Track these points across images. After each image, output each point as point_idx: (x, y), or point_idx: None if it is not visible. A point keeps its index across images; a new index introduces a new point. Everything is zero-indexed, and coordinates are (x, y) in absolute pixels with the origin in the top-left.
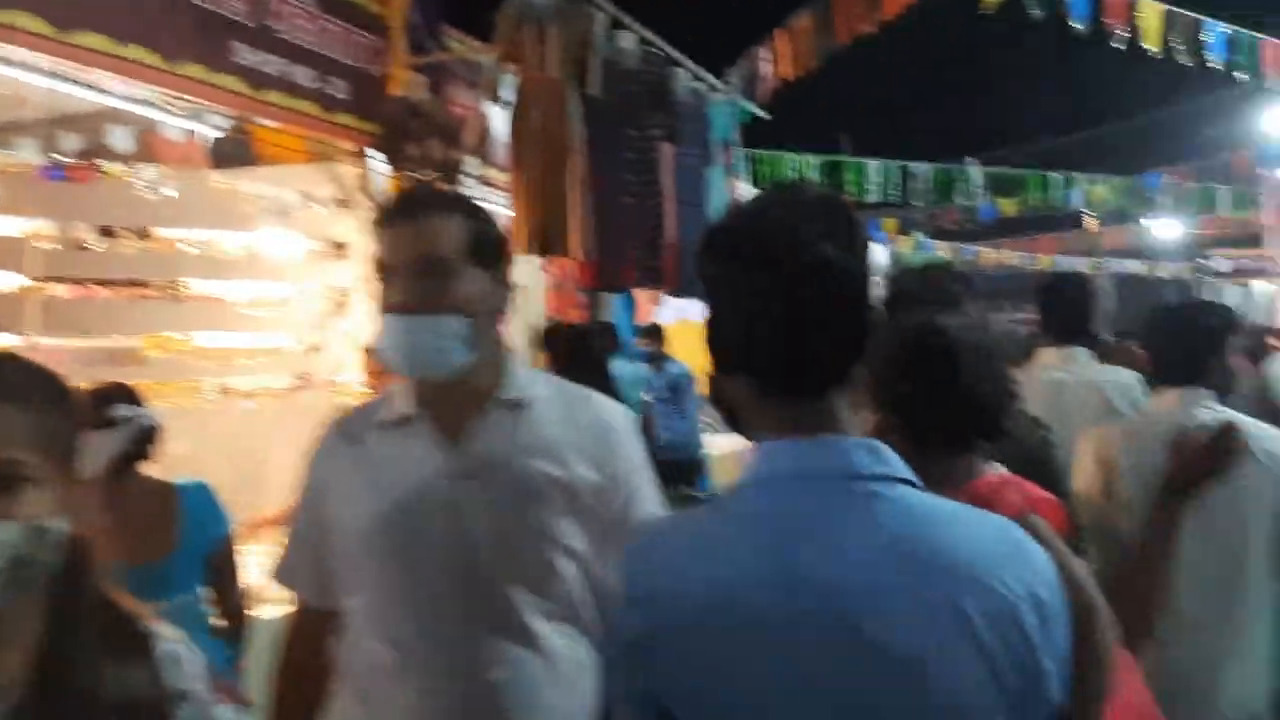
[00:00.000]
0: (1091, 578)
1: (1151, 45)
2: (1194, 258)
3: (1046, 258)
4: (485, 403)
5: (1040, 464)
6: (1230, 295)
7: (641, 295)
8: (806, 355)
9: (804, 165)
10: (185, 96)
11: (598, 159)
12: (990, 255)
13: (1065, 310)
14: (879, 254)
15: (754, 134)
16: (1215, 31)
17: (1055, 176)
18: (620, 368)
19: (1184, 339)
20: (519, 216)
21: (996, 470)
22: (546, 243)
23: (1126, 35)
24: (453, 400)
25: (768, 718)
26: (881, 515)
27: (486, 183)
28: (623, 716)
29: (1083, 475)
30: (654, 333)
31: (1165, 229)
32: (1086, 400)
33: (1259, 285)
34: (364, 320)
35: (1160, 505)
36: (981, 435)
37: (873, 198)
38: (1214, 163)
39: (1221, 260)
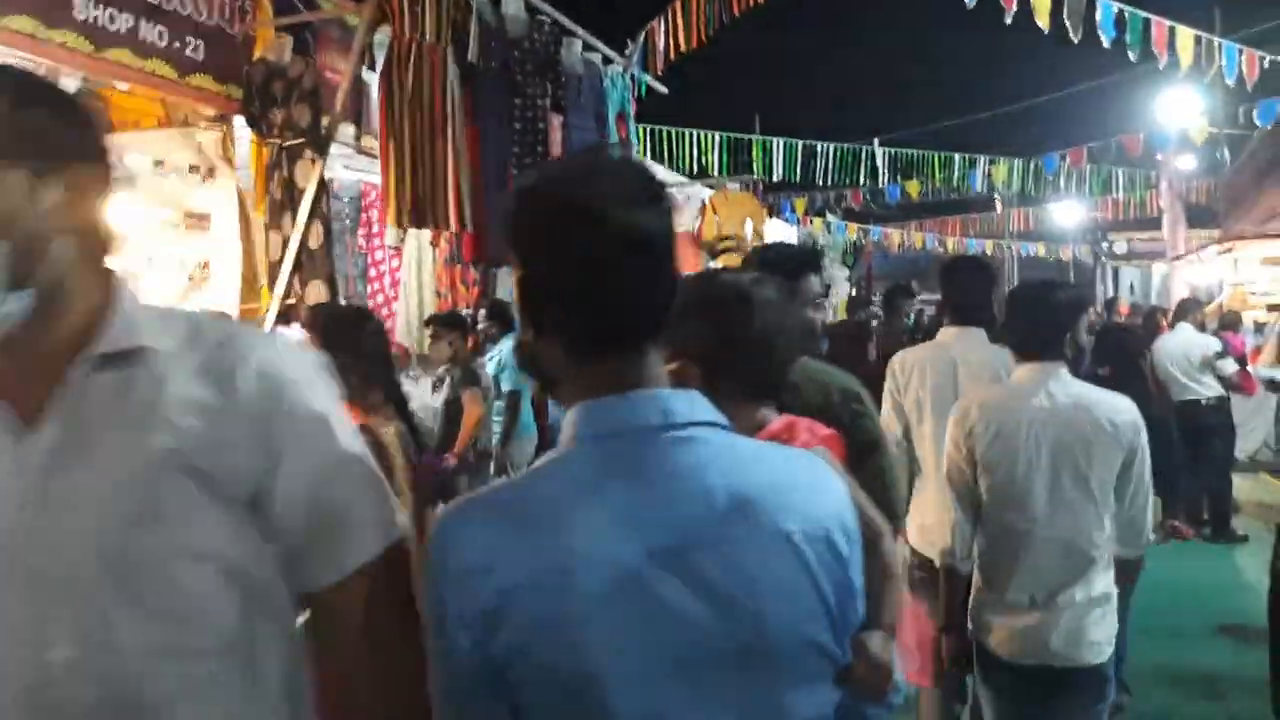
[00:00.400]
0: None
1: (1042, 22)
2: (1094, 240)
3: (953, 239)
4: (72, 362)
5: (855, 434)
6: (1127, 276)
7: None
8: (620, 315)
9: (707, 143)
10: (17, 53)
11: (482, 128)
12: (897, 236)
13: (963, 292)
14: (788, 234)
15: (660, 112)
16: (1105, 8)
17: (957, 157)
18: (514, 347)
19: (1038, 316)
20: (390, 186)
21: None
22: (420, 214)
23: (1018, 11)
24: (16, 365)
25: (620, 671)
26: (704, 459)
27: (361, 151)
28: (464, 697)
29: (950, 441)
30: None
31: (1066, 212)
32: (979, 377)
33: (1156, 266)
34: (228, 291)
35: None
36: (775, 385)
37: (778, 176)
38: (1109, 145)
39: (1119, 242)
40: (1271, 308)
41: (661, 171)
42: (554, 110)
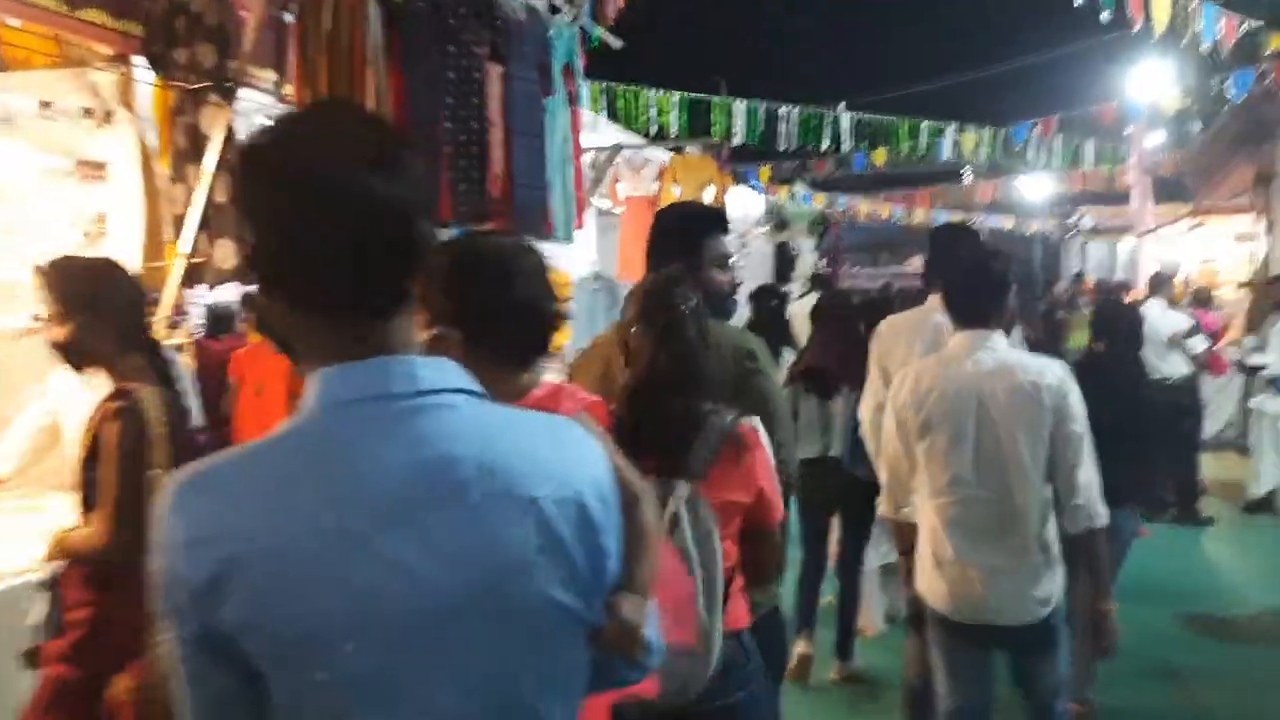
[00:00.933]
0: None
1: None
2: (1063, 214)
3: (921, 210)
4: None
5: (745, 393)
6: (1094, 251)
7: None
8: (352, 282)
9: (665, 103)
10: None
11: (409, 76)
12: (864, 207)
13: (951, 258)
14: (753, 202)
15: (615, 69)
16: None
17: (924, 124)
18: None
19: (975, 286)
20: None
21: (549, 380)
22: None
23: None
24: None
25: (352, 636)
26: (450, 426)
27: (283, 100)
28: (193, 668)
29: (890, 406)
30: None
31: (1034, 185)
32: (930, 335)
33: (1122, 242)
34: (128, 248)
35: None
36: (535, 348)
37: (739, 140)
38: (1082, 115)
39: (1087, 217)
40: (1241, 285)
41: (617, 133)
42: (493, 60)
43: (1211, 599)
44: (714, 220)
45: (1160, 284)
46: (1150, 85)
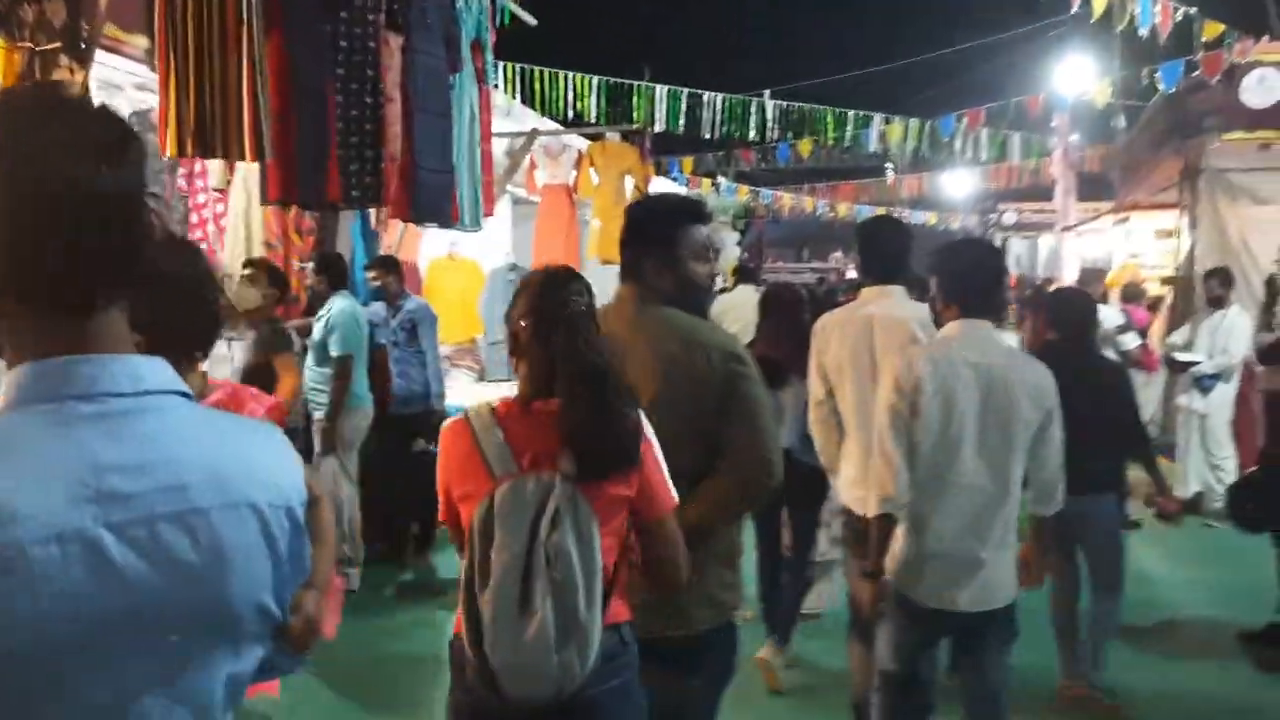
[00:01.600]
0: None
1: None
2: (984, 210)
3: (845, 205)
4: None
5: (732, 397)
6: (1015, 248)
7: (394, 224)
8: (60, 275)
9: (583, 85)
10: None
11: (291, 42)
12: (789, 200)
13: (881, 251)
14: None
15: (531, 49)
16: None
17: (850, 114)
18: (344, 309)
19: (974, 275)
20: (167, 105)
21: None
22: (205, 140)
23: None
24: None
25: (69, 643)
26: (166, 427)
27: (140, 60)
28: None
29: (894, 391)
30: (386, 264)
31: (956, 181)
32: (894, 335)
33: (1043, 238)
34: None
35: None
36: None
37: (661, 126)
38: (1008, 107)
39: (1009, 213)
40: (1165, 281)
41: (533, 118)
42: (391, 29)
43: (1140, 609)
44: (690, 210)
45: (1090, 280)
46: (1077, 77)
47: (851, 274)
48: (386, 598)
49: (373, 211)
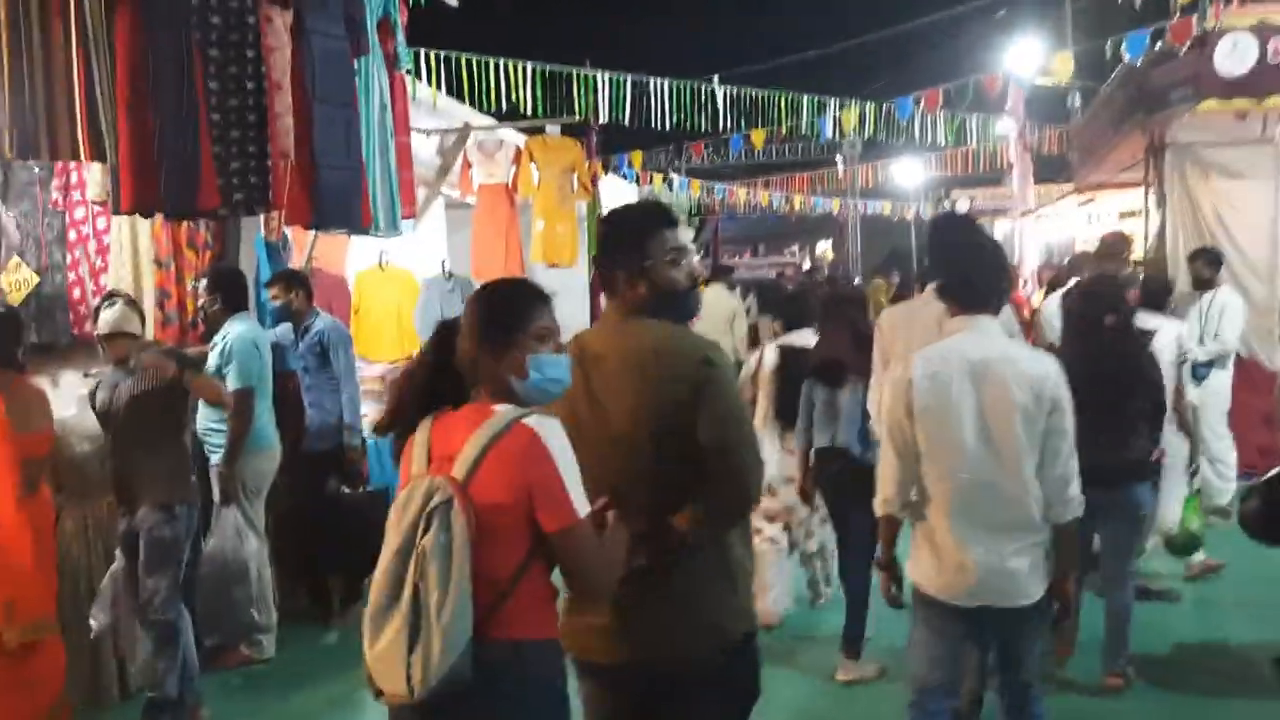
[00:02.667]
0: None
1: None
2: (938, 198)
3: (800, 196)
4: None
5: (701, 405)
6: None
7: (306, 233)
8: None
9: (518, 76)
10: None
11: (144, 17)
12: (743, 194)
13: (974, 272)
14: (626, 192)
15: (458, 35)
16: None
17: (805, 99)
18: (242, 334)
19: (974, 271)
20: None
21: None
22: (28, 139)
23: None
24: None
25: None
26: None
27: None
28: None
29: (890, 394)
30: (289, 280)
31: (907, 169)
32: (929, 325)
33: (998, 224)
34: None
35: None
36: None
37: (605, 118)
38: (966, 86)
39: (962, 199)
40: (1136, 263)
41: (464, 112)
42: (276, 3)
43: (1153, 635)
44: (654, 215)
45: (1078, 266)
46: (1032, 55)
47: (807, 265)
48: (306, 665)
49: (276, 219)
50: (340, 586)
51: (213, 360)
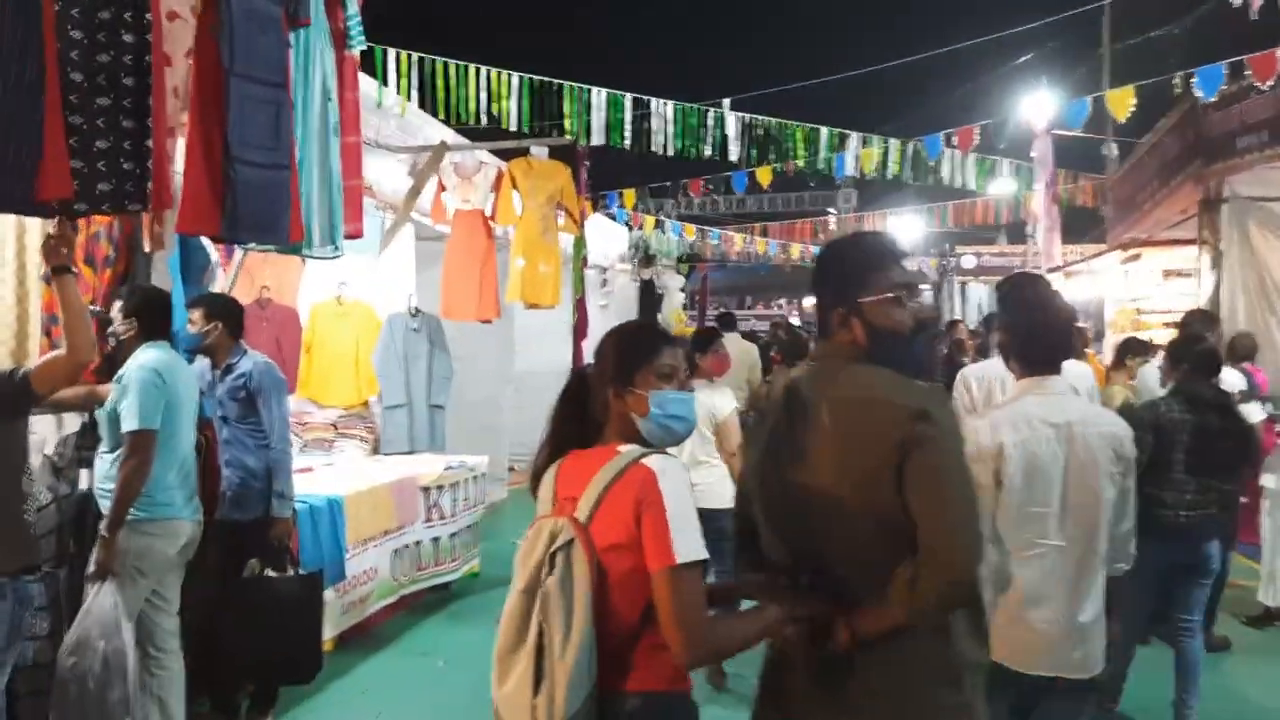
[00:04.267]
0: None
1: None
2: (942, 253)
3: (797, 247)
4: None
5: (909, 463)
6: (974, 294)
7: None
8: None
9: (502, 85)
10: None
11: None
12: (740, 241)
13: (1047, 333)
14: (615, 235)
15: (435, 35)
16: None
17: (824, 131)
18: (144, 363)
19: (1044, 330)
20: None
21: None
22: None
23: None
24: None
25: None
26: None
27: None
28: None
29: (973, 460)
30: (212, 306)
31: (907, 224)
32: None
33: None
34: None
35: None
36: None
37: (598, 138)
38: (1006, 122)
39: (967, 256)
40: (1171, 325)
41: (437, 127)
42: None
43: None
44: (877, 250)
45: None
46: (1057, 99)
47: (795, 320)
48: None
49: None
50: (251, 691)
51: (111, 398)
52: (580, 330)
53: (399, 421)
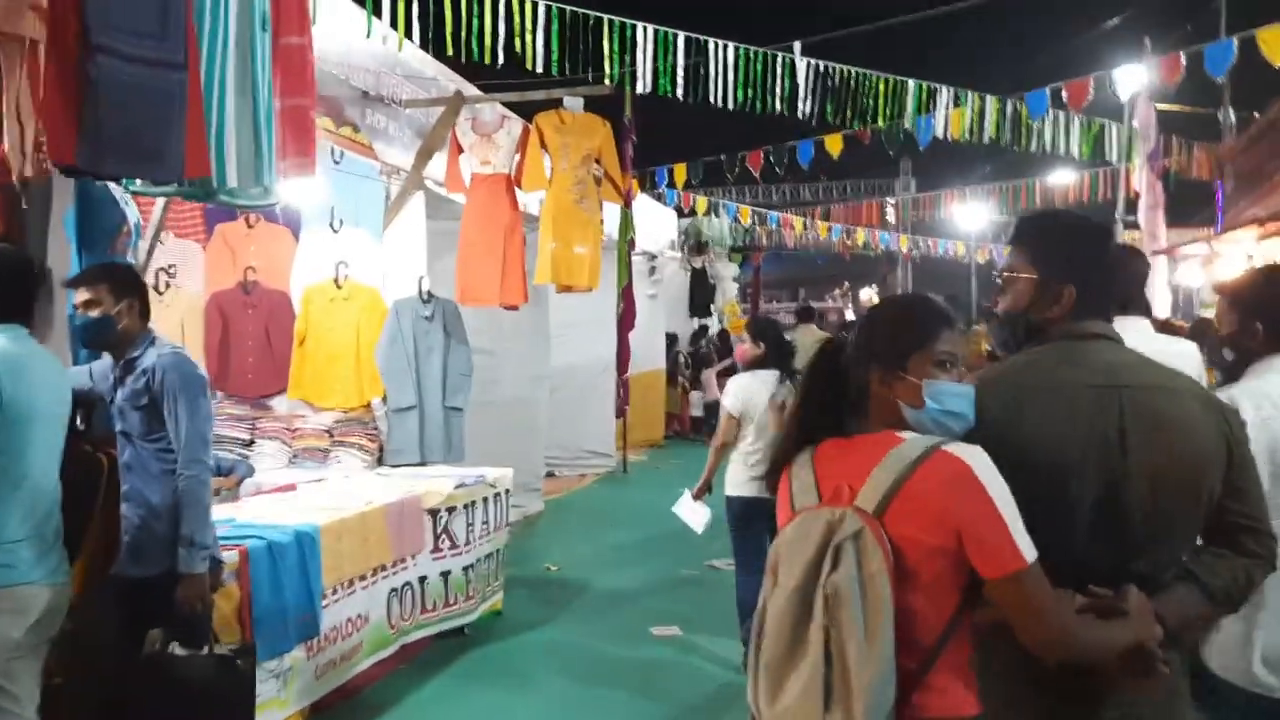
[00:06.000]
0: None
1: None
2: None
3: (862, 231)
4: None
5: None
6: None
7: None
8: None
9: (524, 17)
10: None
11: None
12: (799, 225)
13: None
14: (664, 219)
15: None
16: None
17: (911, 84)
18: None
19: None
20: None
21: None
22: None
23: None
24: None
25: None
26: None
27: None
28: None
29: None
30: (108, 280)
31: (970, 211)
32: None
33: None
34: None
35: None
36: None
37: (645, 86)
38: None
39: None
40: None
41: (435, 69)
42: None
43: None
44: (1100, 230)
45: None
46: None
47: (850, 315)
48: None
49: None
50: None
51: None
52: (627, 321)
53: (408, 427)
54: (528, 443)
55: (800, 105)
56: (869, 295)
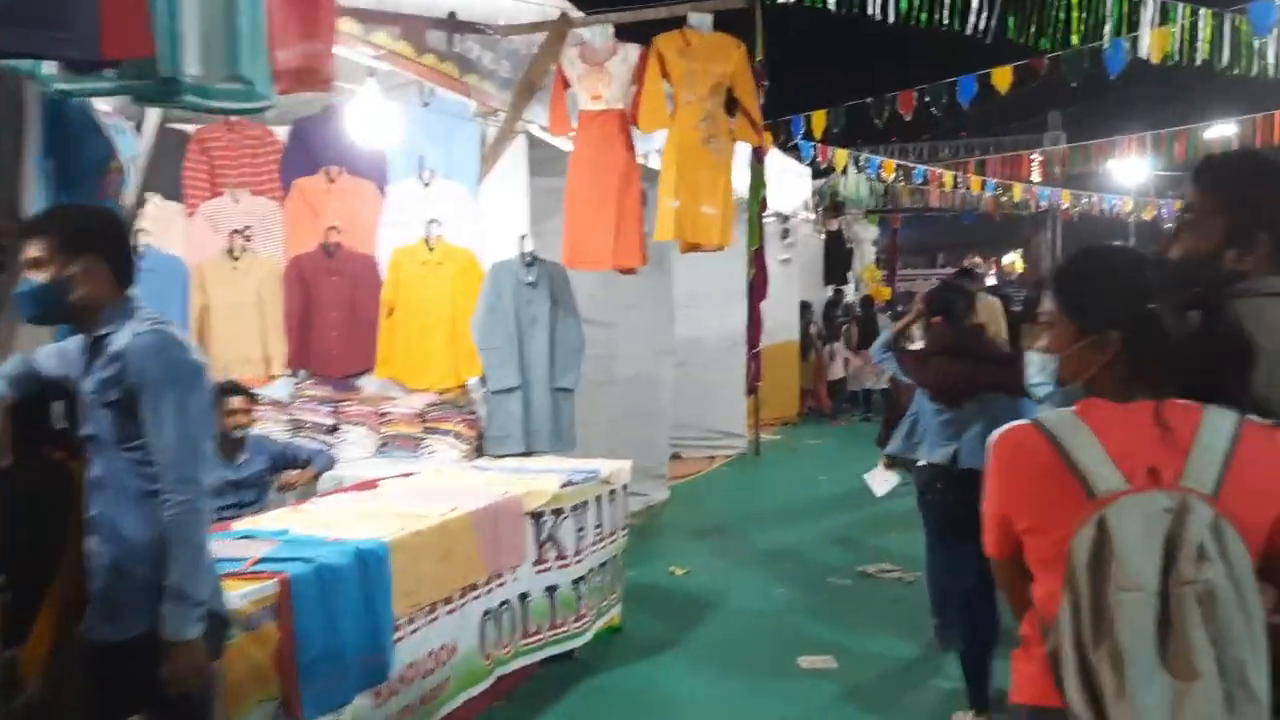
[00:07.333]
0: None
1: None
2: (1180, 195)
3: (1019, 188)
4: None
5: None
6: None
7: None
8: None
9: None
10: None
11: None
12: (949, 179)
13: None
14: (799, 177)
15: None
16: None
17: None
18: None
19: None
20: None
21: None
22: None
23: None
24: None
25: None
26: None
27: None
28: None
29: None
30: (65, 225)
31: (1130, 166)
32: None
33: None
34: None
35: None
36: None
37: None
38: None
39: None
40: None
41: None
42: None
43: None
44: None
45: None
46: None
47: (991, 280)
48: None
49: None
50: None
51: None
52: (759, 289)
53: (510, 411)
54: (650, 426)
55: (972, 20)
56: (1012, 260)
